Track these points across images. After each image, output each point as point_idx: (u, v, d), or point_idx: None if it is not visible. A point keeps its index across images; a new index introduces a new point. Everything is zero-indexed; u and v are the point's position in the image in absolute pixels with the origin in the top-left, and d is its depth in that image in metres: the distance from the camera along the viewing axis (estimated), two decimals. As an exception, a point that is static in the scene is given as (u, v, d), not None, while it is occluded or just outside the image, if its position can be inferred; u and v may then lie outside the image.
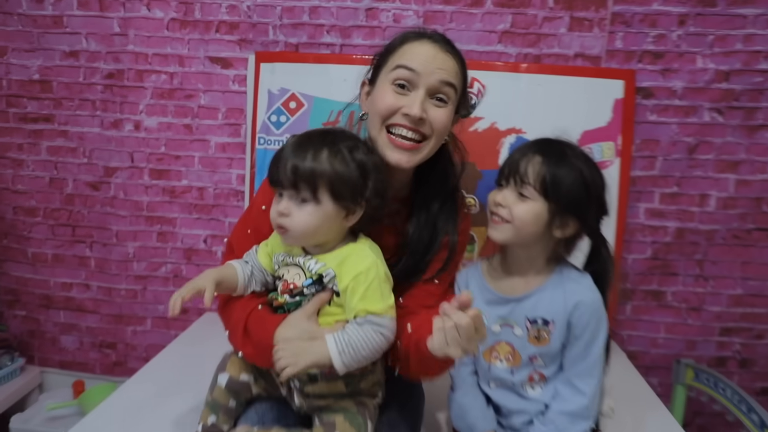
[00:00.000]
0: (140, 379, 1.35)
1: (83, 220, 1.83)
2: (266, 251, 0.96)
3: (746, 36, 1.54)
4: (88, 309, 1.89)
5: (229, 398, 0.99)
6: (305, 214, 0.85)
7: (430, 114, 0.90)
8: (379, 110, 0.91)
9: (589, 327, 0.94)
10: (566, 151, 0.94)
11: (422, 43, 0.91)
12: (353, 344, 0.83)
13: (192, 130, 1.73)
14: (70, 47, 1.71)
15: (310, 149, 0.84)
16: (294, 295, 0.89)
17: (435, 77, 0.89)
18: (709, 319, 1.72)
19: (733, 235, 1.67)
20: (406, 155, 0.92)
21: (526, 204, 0.93)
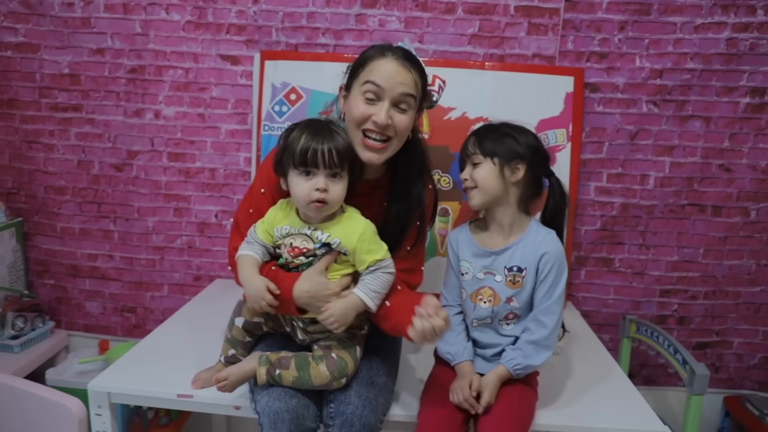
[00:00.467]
0: (159, 335, 1.54)
1: (108, 198, 2.07)
2: (263, 228, 1.14)
3: (676, 40, 1.82)
4: (111, 277, 2.13)
5: (245, 335, 1.25)
6: (339, 187, 1.07)
7: (395, 120, 1.11)
8: (353, 118, 1.12)
9: (552, 272, 1.19)
10: (493, 125, 1.26)
11: (386, 61, 1.10)
12: (376, 289, 1.09)
13: (205, 118, 1.98)
14: (97, 45, 1.95)
15: (328, 134, 1.05)
16: (308, 257, 1.11)
17: (397, 91, 1.09)
18: (650, 282, 2.00)
19: (669, 209, 1.95)
20: (375, 154, 1.13)
21: (479, 168, 1.21)
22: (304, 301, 1.10)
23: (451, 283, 1.33)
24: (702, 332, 2.04)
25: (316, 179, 1.04)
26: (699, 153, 1.90)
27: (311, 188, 1.04)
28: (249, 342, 1.27)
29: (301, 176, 1.06)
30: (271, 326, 1.26)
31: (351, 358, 1.14)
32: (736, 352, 2.06)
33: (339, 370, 1.11)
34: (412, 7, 1.86)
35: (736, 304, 2.01)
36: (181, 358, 1.39)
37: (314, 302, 1.10)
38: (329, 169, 1.05)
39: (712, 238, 1.95)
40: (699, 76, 1.84)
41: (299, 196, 1.07)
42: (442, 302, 1.31)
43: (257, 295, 1.07)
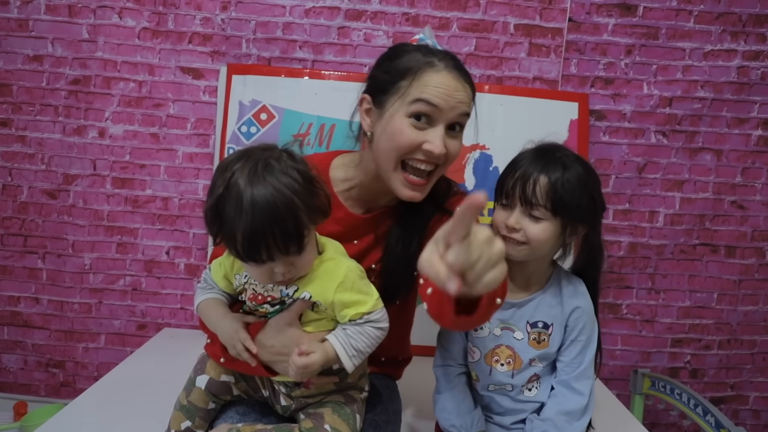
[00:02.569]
0: (89, 398, 1.26)
1: (37, 230, 1.74)
2: (222, 274, 0.91)
3: (685, 66, 1.70)
4: (36, 325, 1.78)
5: (209, 400, 0.96)
6: (305, 259, 0.82)
7: (448, 146, 0.87)
8: (398, 146, 0.86)
9: (584, 331, 0.98)
10: (564, 161, 0.93)
11: (441, 74, 0.85)
12: (359, 347, 0.85)
13: (159, 139, 1.72)
14: (35, 51, 1.68)
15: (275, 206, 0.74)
16: (274, 305, 0.88)
17: (455, 112, 0.86)
18: (661, 331, 1.81)
19: (680, 249, 1.78)
20: (419, 191, 0.89)
21: (539, 225, 0.92)
22: (269, 357, 0.85)
23: (451, 337, 1.07)
24: (716, 386, 1.85)
25: (272, 265, 0.78)
26: (710, 188, 1.75)
27: (269, 273, 0.80)
28: (211, 410, 0.97)
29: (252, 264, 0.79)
30: (244, 389, 0.97)
31: (347, 427, 0.88)
32: (752, 408, 1.87)
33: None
34: (401, 21, 1.67)
35: (751, 354, 1.84)
36: (119, 428, 1.13)
37: (282, 361, 0.84)
38: (287, 255, 0.77)
39: (726, 282, 1.79)
40: (710, 106, 1.71)
41: (257, 278, 0.85)
42: (438, 361, 1.07)
43: (233, 337, 0.85)
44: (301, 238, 0.77)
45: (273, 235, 0.74)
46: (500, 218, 0.96)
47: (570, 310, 0.98)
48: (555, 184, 0.91)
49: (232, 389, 0.96)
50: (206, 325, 0.91)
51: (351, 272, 0.85)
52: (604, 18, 1.68)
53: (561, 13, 1.68)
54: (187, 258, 1.75)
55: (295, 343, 0.83)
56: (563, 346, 0.99)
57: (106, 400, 1.25)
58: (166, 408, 1.01)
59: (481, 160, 1.64)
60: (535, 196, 0.91)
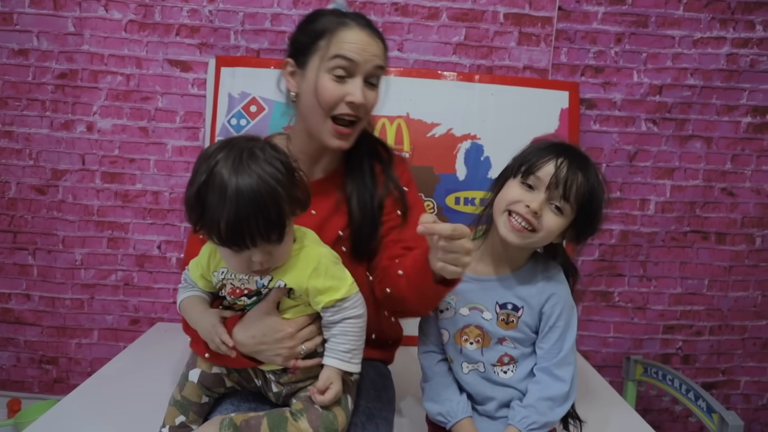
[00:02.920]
0: (83, 394, 1.25)
1: (26, 226, 1.73)
2: (199, 273, 0.93)
3: (675, 54, 1.70)
4: (28, 321, 1.77)
5: (202, 394, 0.96)
6: (285, 246, 0.83)
7: (367, 97, 0.96)
8: (324, 101, 0.94)
9: (562, 317, 0.97)
10: (593, 170, 0.94)
11: (354, 31, 0.94)
12: (350, 348, 0.86)
13: (148, 132, 1.70)
14: (20, 45, 1.66)
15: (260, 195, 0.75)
16: (251, 296, 0.89)
17: (371, 64, 0.94)
18: (653, 318, 1.82)
19: (671, 237, 1.79)
20: (347, 141, 0.98)
21: (559, 218, 0.91)
22: (251, 348, 0.87)
23: (430, 323, 1.07)
24: (708, 371, 1.87)
25: (251, 252, 0.79)
26: (701, 176, 1.76)
27: (247, 262, 0.81)
28: (205, 404, 0.97)
29: (231, 252, 0.80)
30: (236, 380, 0.97)
31: (341, 409, 0.88)
32: (743, 392, 1.89)
33: (326, 425, 0.85)
34: (390, 11, 1.66)
35: (742, 339, 1.85)
36: (114, 423, 1.11)
37: (265, 350, 0.87)
38: (267, 243, 0.78)
39: (716, 268, 1.80)
40: (699, 94, 1.71)
41: (234, 268, 0.86)
42: (421, 348, 1.07)
43: (211, 332, 0.87)
44: (282, 226, 0.78)
45: (256, 223, 0.75)
46: (520, 196, 0.92)
47: (546, 298, 0.97)
48: (592, 187, 0.92)
49: (225, 381, 0.96)
50: (187, 322, 0.93)
51: (324, 258, 0.87)
52: (594, 6, 1.68)
53: (551, 1, 1.67)
54: (178, 252, 1.74)
55: (274, 330, 0.86)
56: (541, 333, 0.98)
57: (100, 396, 1.24)
58: (161, 402, 1.00)
59: (472, 150, 1.64)
60: (571, 192, 0.90)
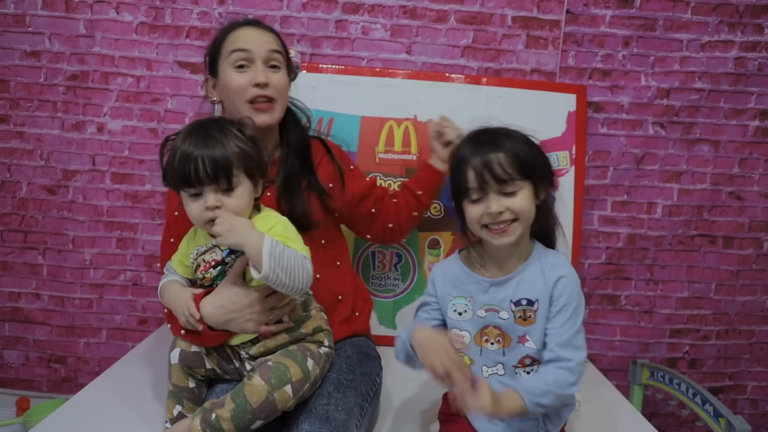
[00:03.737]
0: (91, 393, 1.25)
1: (37, 226, 1.75)
2: (178, 260, 1.02)
3: (682, 58, 1.70)
4: (37, 320, 1.79)
5: (186, 377, 0.99)
6: (235, 200, 0.91)
7: (272, 79, 1.10)
8: (233, 90, 1.09)
9: (572, 299, 0.95)
10: (503, 133, 0.96)
11: (243, 28, 1.12)
12: (285, 252, 0.88)
13: (158, 133, 1.71)
14: (32, 47, 1.68)
15: (209, 141, 0.88)
16: (216, 266, 0.95)
17: (265, 48, 1.10)
18: (660, 322, 1.81)
19: (678, 240, 1.78)
20: (267, 114, 1.11)
21: (518, 196, 0.93)
22: (222, 318, 0.93)
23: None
24: (715, 376, 1.86)
25: (205, 197, 0.90)
26: (708, 179, 1.76)
27: (201, 208, 0.91)
28: (194, 390, 1.01)
29: (189, 197, 0.92)
30: (216, 361, 1.00)
31: (294, 363, 0.92)
32: (750, 397, 1.88)
33: (276, 376, 0.89)
34: (399, 14, 1.67)
35: (749, 344, 1.84)
36: (122, 422, 1.12)
37: (235, 318, 0.93)
38: (215, 184, 0.90)
39: (724, 272, 1.79)
40: (707, 97, 1.71)
41: (193, 218, 0.94)
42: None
43: (182, 305, 0.94)
44: (228, 170, 0.88)
45: (203, 160, 0.86)
46: (479, 212, 0.94)
47: (554, 281, 0.95)
48: (513, 153, 0.93)
49: (205, 361, 0.99)
50: (164, 304, 1.01)
51: (282, 223, 0.95)
52: (602, 10, 1.68)
53: (558, 4, 1.68)
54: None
55: (242, 296, 0.92)
56: (550, 316, 0.96)
57: (109, 395, 1.24)
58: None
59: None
60: (505, 173, 0.91)
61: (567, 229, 1.66)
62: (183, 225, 1.04)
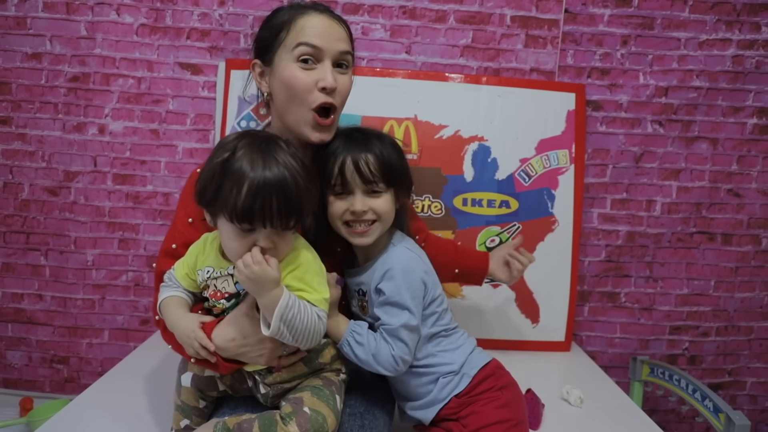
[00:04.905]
0: (95, 393, 1.26)
1: (39, 227, 1.75)
2: (184, 272, 0.92)
3: (680, 56, 1.71)
4: (40, 321, 1.79)
5: (197, 398, 0.97)
6: (287, 241, 0.82)
7: (339, 83, 0.94)
8: (297, 90, 0.92)
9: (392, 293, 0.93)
10: (374, 137, 0.97)
11: (314, 17, 0.93)
12: (297, 317, 0.80)
13: (159, 135, 1.72)
14: (33, 49, 1.68)
15: (282, 172, 0.76)
16: (230, 299, 0.88)
17: (336, 48, 0.94)
18: (659, 319, 1.82)
19: (677, 238, 1.79)
20: (327, 131, 0.96)
21: (382, 198, 0.95)
22: (233, 351, 0.86)
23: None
24: (714, 372, 1.87)
25: (256, 236, 0.79)
26: (707, 177, 1.77)
27: (248, 246, 0.79)
28: (204, 409, 0.99)
29: (236, 231, 0.79)
30: (229, 383, 0.98)
31: (330, 410, 0.87)
32: (749, 393, 1.89)
33: (315, 427, 0.84)
34: (398, 14, 1.68)
35: (748, 340, 1.85)
36: (125, 422, 1.12)
37: (247, 351, 0.86)
38: (277, 229, 0.79)
39: (723, 269, 1.81)
40: (705, 95, 1.72)
41: (233, 254, 0.82)
42: None
43: (190, 336, 0.85)
44: (299, 214, 0.79)
45: (278, 202, 0.76)
46: (342, 208, 0.94)
47: (381, 275, 0.95)
48: (382, 158, 0.94)
49: (218, 384, 0.97)
50: (165, 322, 0.90)
51: (307, 263, 0.86)
52: (600, 9, 1.69)
53: (557, 4, 1.69)
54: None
55: (255, 330, 0.84)
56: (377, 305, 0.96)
57: (112, 395, 1.25)
58: (171, 403, 1.03)
59: (480, 152, 1.65)
60: (372, 173, 0.93)
61: (567, 228, 1.68)
62: (193, 235, 0.94)
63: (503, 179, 1.64)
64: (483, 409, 0.95)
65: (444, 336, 1.02)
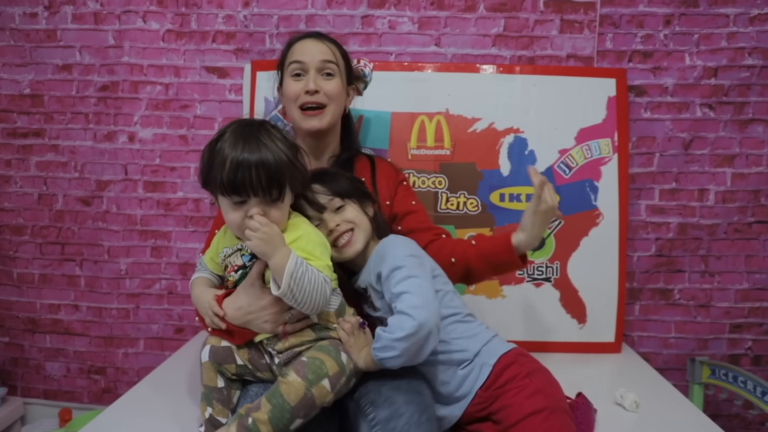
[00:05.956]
0: (128, 402, 1.23)
1: (73, 237, 1.76)
2: (210, 256, 1.05)
3: (729, 34, 1.60)
4: (76, 332, 1.80)
5: (216, 375, 0.98)
6: (279, 212, 0.90)
7: (324, 86, 1.17)
8: (289, 97, 1.19)
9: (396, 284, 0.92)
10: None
11: (303, 41, 1.20)
12: (306, 275, 0.86)
13: (188, 140, 1.71)
14: (63, 61, 1.70)
15: (263, 147, 0.87)
16: (237, 271, 0.96)
17: (317, 59, 1.18)
18: (718, 316, 1.70)
19: (734, 228, 1.67)
20: (315, 119, 1.18)
21: (346, 211, 1.04)
22: (241, 320, 0.95)
23: None
24: (781, 374, 1.72)
25: (248, 206, 0.89)
26: (764, 162, 1.64)
27: (243, 217, 0.89)
28: (223, 390, 0.98)
29: (232, 204, 0.90)
30: (247, 356, 0.98)
31: (328, 356, 0.89)
32: (822, 396, 1.73)
33: (312, 371, 0.86)
34: (426, 5, 1.63)
35: (818, 338, 1.70)
36: (160, 429, 1.09)
37: (252, 319, 0.94)
38: (266, 195, 0.88)
39: (786, 261, 1.67)
40: (759, 74, 1.60)
41: (233, 226, 0.93)
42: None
43: (205, 307, 0.97)
44: (281, 185, 0.88)
45: (257, 173, 0.85)
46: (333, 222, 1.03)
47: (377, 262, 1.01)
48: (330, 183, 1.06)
49: (236, 357, 0.98)
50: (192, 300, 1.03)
51: (307, 235, 0.93)
52: (639, -12, 1.60)
53: (593, -14, 1.60)
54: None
55: (259, 298, 0.92)
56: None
57: (145, 404, 1.22)
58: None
59: (516, 144, 1.57)
60: (324, 197, 1.04)
61: (612, 221, 1.58)
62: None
63: (542, 172, 1.56)
64: (514, 401, 0.89)
65: (459, 321, 1.00)
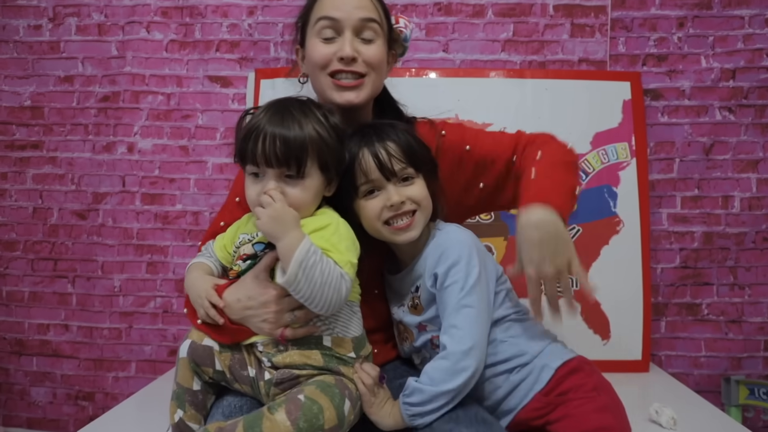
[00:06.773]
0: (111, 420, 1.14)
1: (66, 253, 1.68)
2: (222, 244, 0.92)
3: (746, 35, 1.56)
4: (65, 354, 1.69)
5: (192, 376, 0.84)
6: (299, 191, 0.80)
7: (363, 52, 0.91)
8: (316, 62, 0.92)
9: (458, 267, 0.82)
10: (389, 125, 0.91)
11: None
12: (318, 266, 0.73)
13: (188, 151, 1.66)
14: (65, 72, 1.67)
15: (289, 118, 0.79)
16: (246, 260, 0.85)
17: (355, 17, 0.90)
18: (751, 332, 1.58)
19: (763, 237, 1.58)
20: (353, 93, 0.92)
21: (415, 184, 0.87)
22: (237, 314, 0.81)
23: None
24: (825, 396, 1.58)
25: (265, 181, 0.80)
26: (791, 166, 1.56)
27: (259, 192, 0.79)
28: (198, 394, 0.84)
29: (250, 175, 0.82)
30: (228, 363, 0.83)
31: (330, 404, 0.74)
32: None
33: (307, 418, 0.71)
34: (433, 11, 1.60)
35: None
36: None
37: (250, 315, 0.80)
38: (283, 168, 0.79)
39: (822, 272, 1.56)
40: (779, 76, 1.55)
41: (250, 201, 0.83)
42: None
43: (201, 296, 0.83)
44: (301, 160, 0.78)
45: (273, 138, 0.77)
46: (377, 206, 0.85)
47: (436, 260, 0.85)
48: (400, 143, 0.86)
49: (215, 359, 0.83)
50: (185, 285, 0.90)
51: (335, 226, 0.81)
52: (650, -8, 1.58)
53: (602, -10, 1.58)
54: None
55: (260, 293, 0.80)
56: (439, 297, 0.84)
57: (124, 426, 1.13)
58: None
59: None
60: (396, 160, 0.85)
61: (633, 230, 1.50)
62: (239, 213, 0.94)
63: (558, 177, 1.49)
64: (578, 411, 0.76)
65: (515, 320, 0.88)
